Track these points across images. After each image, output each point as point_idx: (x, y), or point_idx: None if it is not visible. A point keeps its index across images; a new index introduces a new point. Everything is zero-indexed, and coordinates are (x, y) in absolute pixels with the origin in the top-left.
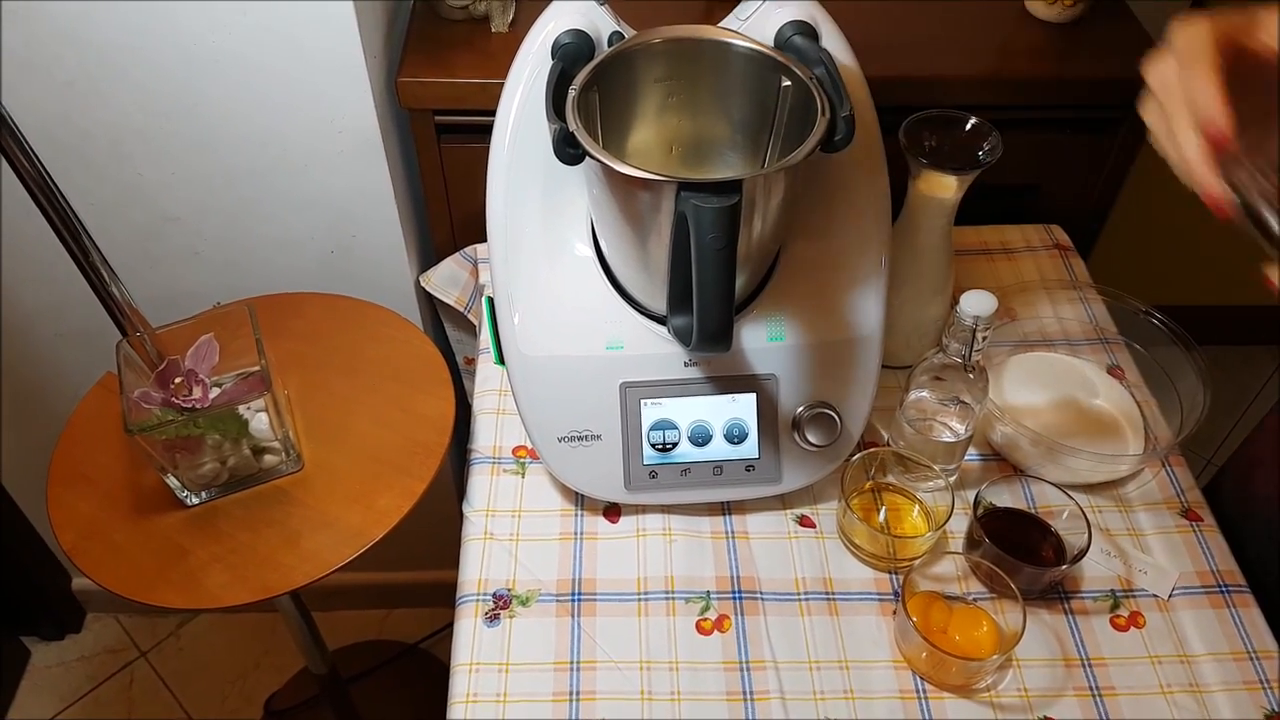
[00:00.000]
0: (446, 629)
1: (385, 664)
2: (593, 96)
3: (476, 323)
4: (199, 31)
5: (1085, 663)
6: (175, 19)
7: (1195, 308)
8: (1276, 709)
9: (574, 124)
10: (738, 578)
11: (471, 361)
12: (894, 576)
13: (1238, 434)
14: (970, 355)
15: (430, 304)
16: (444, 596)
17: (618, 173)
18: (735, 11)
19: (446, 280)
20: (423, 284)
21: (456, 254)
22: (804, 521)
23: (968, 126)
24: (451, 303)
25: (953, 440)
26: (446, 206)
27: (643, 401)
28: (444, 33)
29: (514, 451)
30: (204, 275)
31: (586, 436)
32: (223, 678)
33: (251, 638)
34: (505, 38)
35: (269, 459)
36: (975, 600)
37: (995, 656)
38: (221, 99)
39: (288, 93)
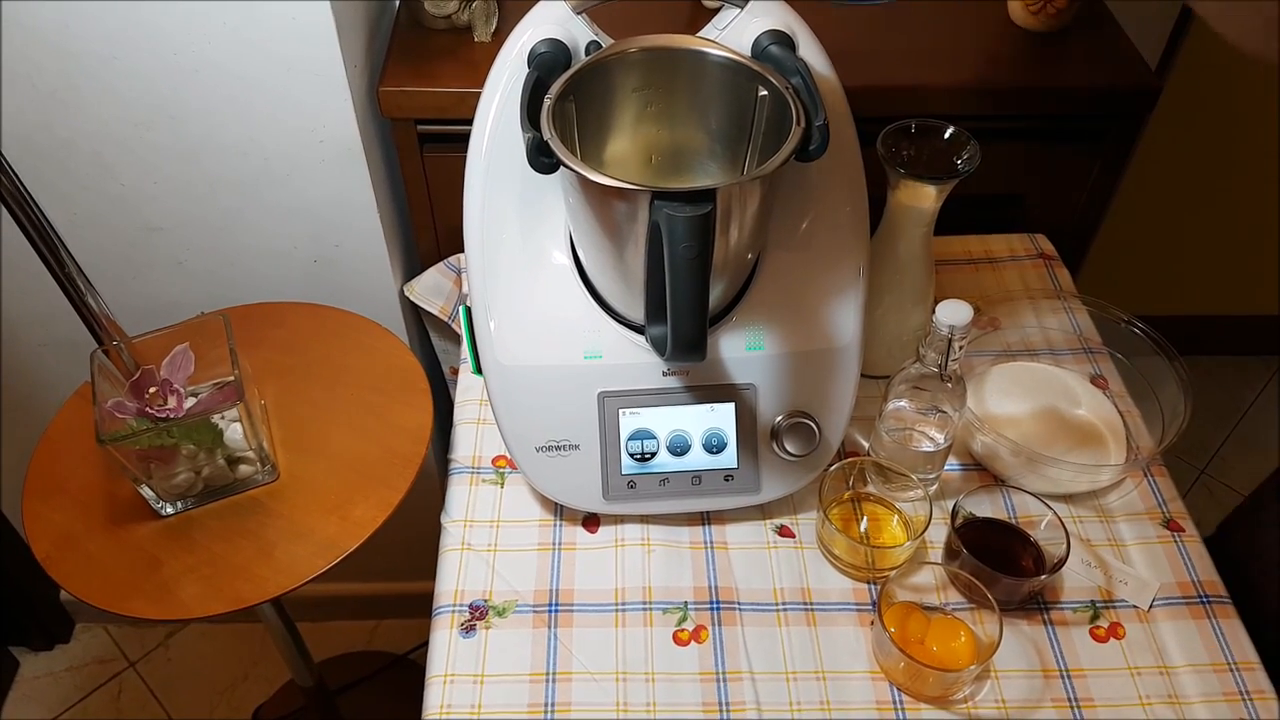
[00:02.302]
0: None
1: (373, 675)
2: (569, 106)
3: (460, 332)
4: (180, 41)
5: (1064, 674)
6: (156, 29)
7: (1187, 318)
8: None
9: (548, 133)
10: (716, 588)
11: (457, 371)
12: (873, 587)
13: (1230, 445)
14: (947, 365)
15: (415, 314)
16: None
17: (592, 182)
18: (713, 20)
19: (431, 290)
20: (407, 294)
21: (440, 263)
22: (783, 531)
23: (946, 136)
24: (436, 312)
25: (932, 450)
26: (430, 216)
27: (621, 411)
28: (426, 42)
29: (493, 461)
30: (187, 285)
31: (564, 446)
32: (212, 688)
33: (240, 648)
34: (488, 47)
35: (244, 469)
36: (953, 610)
37: (973, 667)
38: (203, 109)
39: (269, 102)
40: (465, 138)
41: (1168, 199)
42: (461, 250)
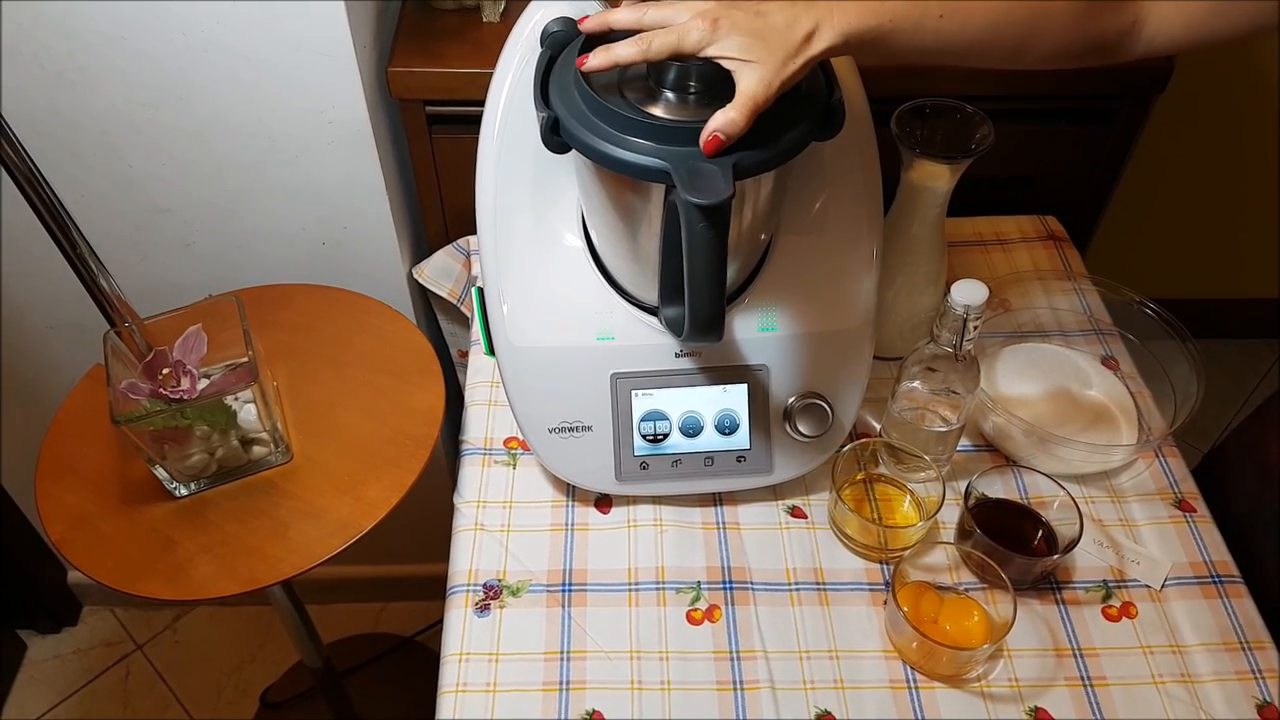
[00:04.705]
0: (442, 622)
1: (381, 657)
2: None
3: (469, 315)
4: (188, 21)
5: (1076, 653)
6: (164, 9)
7: (1194, 300)
8: (1268, 699)
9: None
10: (728, 568)
11: (465, 354)
12: (885, 567)
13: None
14: (961, 345)
15: (423, 296)
16: (440, 589)
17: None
18: None
19: (439, 272)
20: (415, 276)
21: (449, 246)
22: (795, 512)
23: (959, 116)
24: (444, 295)
25: (944, 430)
26: (439, 198)
27: (633, 392)
28: (435, 23)
29: (505, 443)
30: (195, 267)
31: (577, 427)
32: (219, 670)
33: (248, 630)
34: (497, 28)
35: (257, 450)
36: (966, 590)
37: (986, 646)
38: (210, 90)
39: (277, 83)
40: (474, 119)
41: (1177, 180)
42: (470, 233)
